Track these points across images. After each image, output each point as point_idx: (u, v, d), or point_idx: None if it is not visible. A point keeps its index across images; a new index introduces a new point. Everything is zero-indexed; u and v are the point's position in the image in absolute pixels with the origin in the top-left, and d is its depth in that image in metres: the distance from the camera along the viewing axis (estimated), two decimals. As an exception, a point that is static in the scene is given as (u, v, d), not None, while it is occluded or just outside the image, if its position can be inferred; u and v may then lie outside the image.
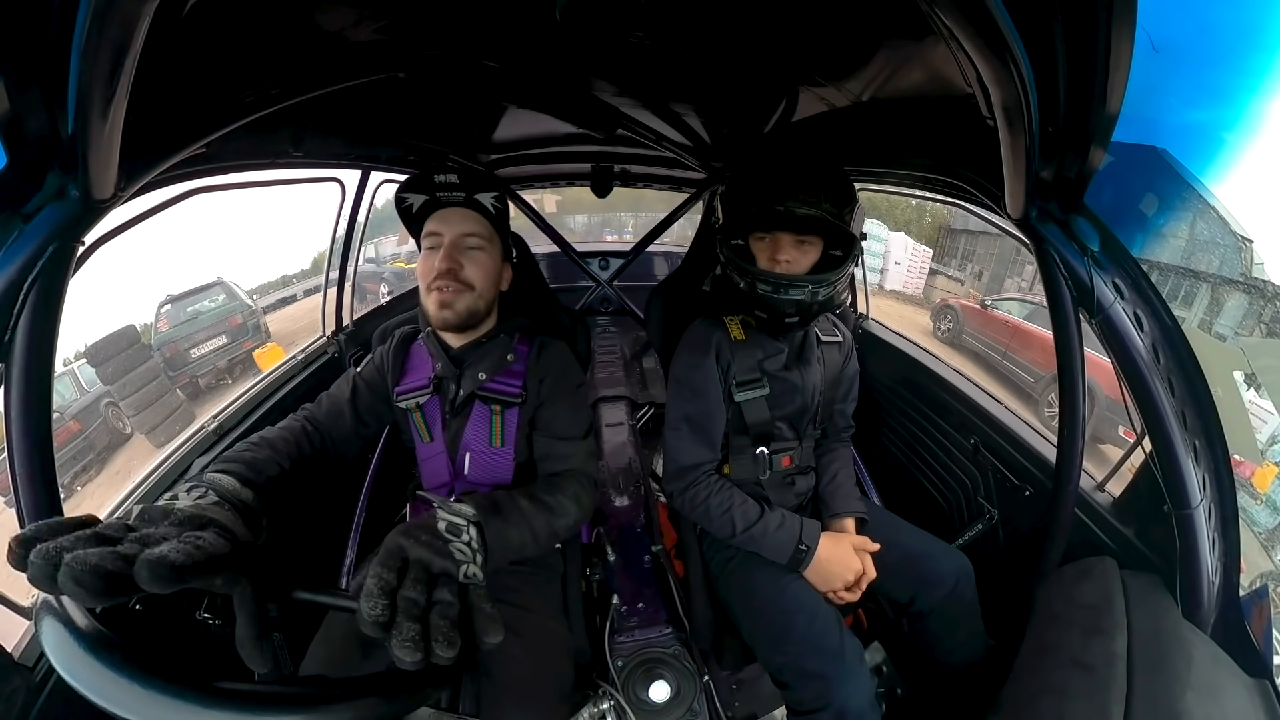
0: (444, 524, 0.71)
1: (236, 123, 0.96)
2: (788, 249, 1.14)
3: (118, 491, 1.24)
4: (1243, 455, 1.04)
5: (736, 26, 1.06)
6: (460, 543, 0.69)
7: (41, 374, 0.76)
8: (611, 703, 1.28)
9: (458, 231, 1.10)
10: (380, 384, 1.22)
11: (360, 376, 1.22)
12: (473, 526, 0.73)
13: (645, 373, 2.96)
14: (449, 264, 1.08)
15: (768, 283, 1.13)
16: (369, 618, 0.53)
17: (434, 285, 1.09)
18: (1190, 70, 0.82)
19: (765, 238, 1.17)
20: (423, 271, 1.11)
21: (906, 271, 12.75)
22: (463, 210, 1.11)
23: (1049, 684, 0.89)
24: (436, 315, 1.11)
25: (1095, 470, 1.23)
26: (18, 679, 0.80)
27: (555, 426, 1.19)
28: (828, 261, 1.17)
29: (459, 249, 1.10)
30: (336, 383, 1.22)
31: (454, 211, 1.11)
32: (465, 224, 1.11)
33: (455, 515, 0.73)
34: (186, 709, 0.46)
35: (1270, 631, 0.89)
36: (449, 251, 1.09)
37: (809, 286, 1.12)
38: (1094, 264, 0.90)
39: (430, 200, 1.12)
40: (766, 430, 1.29)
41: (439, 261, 1.08)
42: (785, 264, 1.14)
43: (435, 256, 1.09)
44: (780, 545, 1.19)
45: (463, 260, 1.10)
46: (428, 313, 1.12)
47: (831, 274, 1.13)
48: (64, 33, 0.57)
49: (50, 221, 0.73)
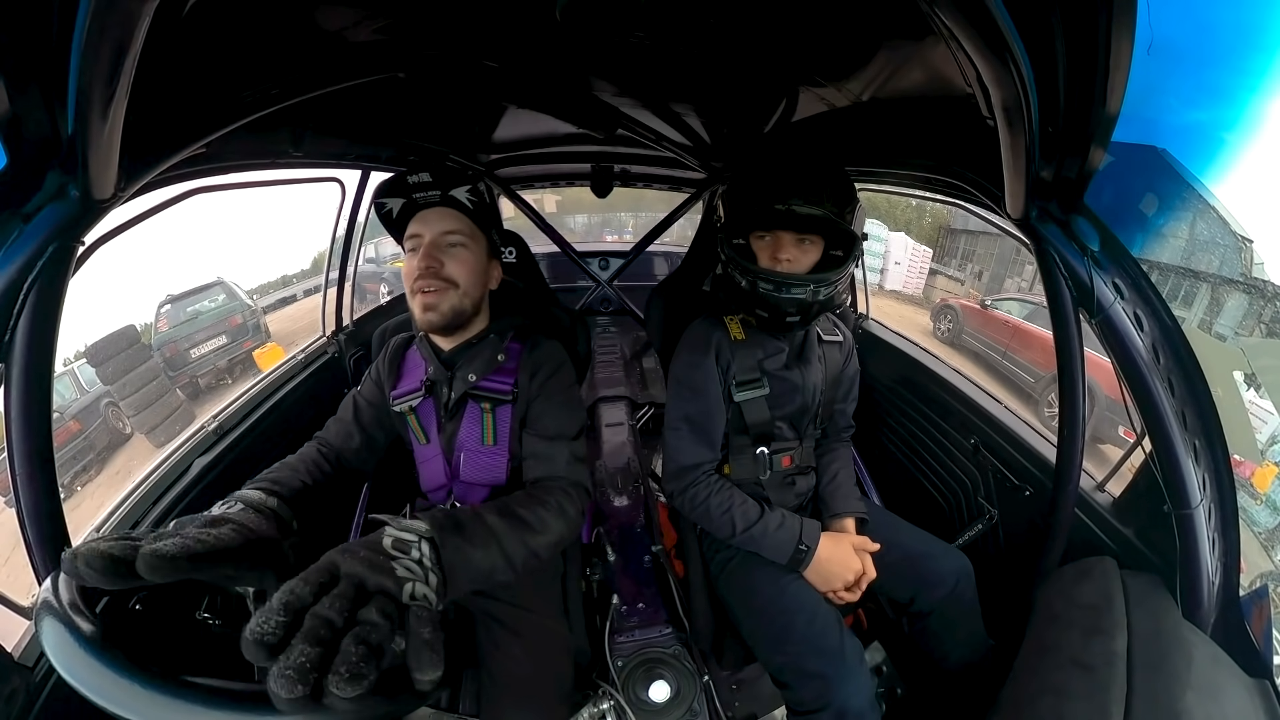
0: (389, 540, 0.62)
1: (236, 123, 0.96)
2: (789, 248, 1.15)
3: (118, 491, 1.24)
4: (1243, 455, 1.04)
5: (736, 26, 1.06)
6: (409, 559, 0.60)
7: (41, 374, 0.76)
8: (611, 703, 1.28)
9: (436, 230, 1.09)
10: (379, 397, 1.22)
11: (360, 394, 1.23)
12: (425, 542, 0.64)
13: (645, 373, 2.96)
14: (428, 262, 1.06)
15: (769, 281, 1.13)
16: (251, 635, 0.43)
17: (416, 287, 1.08)
18: (1190, 70, 0.82)
19: (766, 237, 1.17)
20: (406, 275, 1.10)
21: (906, 271, 12.74)
22: (440, 209, 1.10)
23: (1049, 684, 0.89)
24: (421, 318, 1.09)
25: (1095, 470, 1.23)
26: (18, 679, 0.80)
27: (542, 423, 1.15)
28: (829, 261, 1.17)
29: (438, 247, 1.08)
30: (341, 404, 1.23)
31: (433, 212, 1.10)
32: (444, 222, 1.09)
33: (404, 530, 0.65)
34: (186, 709, 0.46)
35: (1270, 631, 0.89)
36: (428, 250, 1.07)
37: (810, 285, 1.12)
38: (1094, 264, 0.90)
39: (409, 204, 1.11)
40: (767, 430, 1.29)
41: (418, 261, 1.07)
42: (786, 263, 1.14)
43: (413, 258, 1.09)
44: (780, 545, 1.19)
45: (443, 258, 1.08)
46: (414, 316, 1.11)
47: (833, 273, 1.13)
48: (64, 33, 0.57)
49: (50, 221, 0.73)
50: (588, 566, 1.59)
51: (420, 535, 0.65)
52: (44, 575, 0.78)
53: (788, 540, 1.18)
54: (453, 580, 0.65)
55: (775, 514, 1.22)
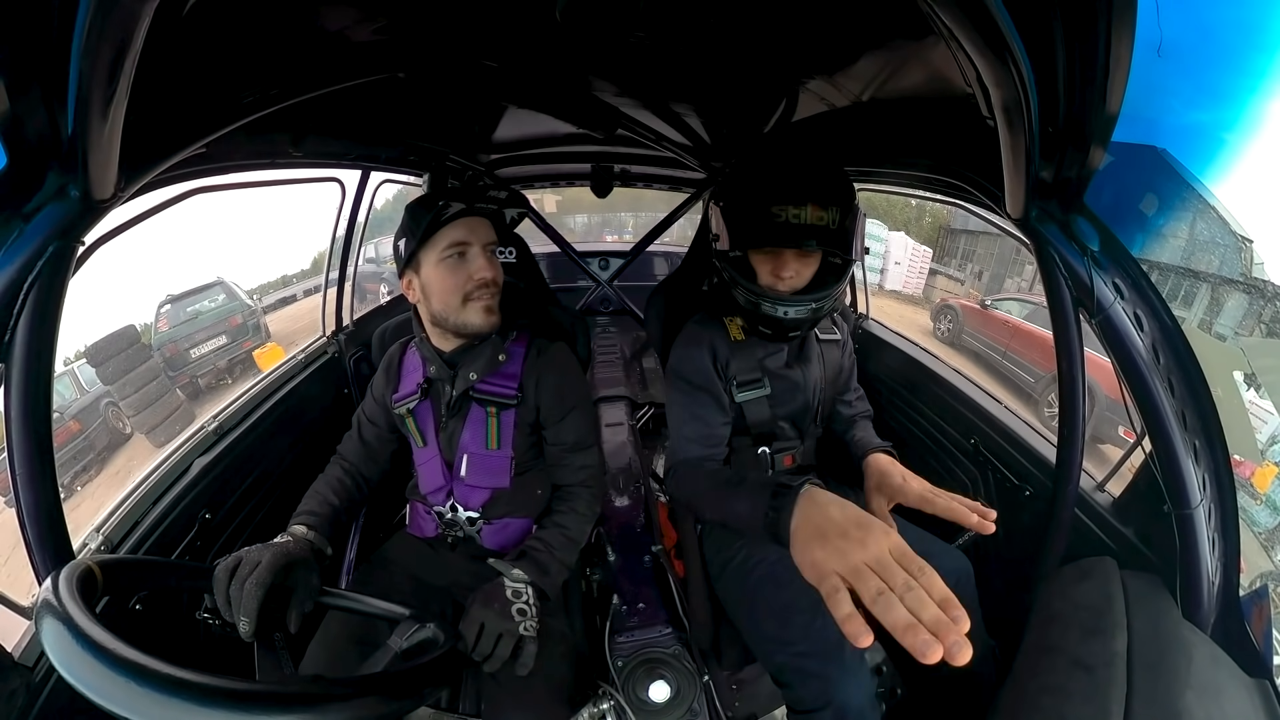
0: (510, 590, 0.94)
1: (236, 123, 0.96)
2: (792, 263, 1.11)
3: (118, 491, 1.24)
4: (1243, 455, 1.04)
5: (736, 26, 1.06)
6: (522, 604, 0.94)
7: (41, 374, 0.76)
8: (611, 703, 1.28)
9: (484, 239, 1.12)
10: (381, 414, 1.28)
11: (364, 413, 1.30)
12: (529, 588, 0.96)
13: (645, 373, 2.96)
14: (494, 272, 1.12)
15: (768, 299, 1.11)
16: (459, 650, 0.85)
17: (476, 294, 1.10)
18: (1191, 71, 0.82)
19: (767, 250, 1.14)
20: (453, 283, 1.10)
21: (906, 271, 12.74)
22: (480, 219, 1.13)
23: (1049, 684, 0.89)
24: (486, 322, 1.13)
25: (1095, 470, 1.23)
26: (18, 679, 0.80)
27: (562, 436, 1.22)
28: (829, 269, 1.16)
29: (489, 255, 1.13)
30: (353, 418, 1.32)
31: (476, 220, 1.12)
32: (487, 232, 1.14)
33: (516, 582, 0.96)
34: (186, 709, 0.46)
35: (1270, 631, 0.89)
36: (489, 258, 1.12)
37: (813, 304, 1.11)
38: (1094, 264, 0.90)
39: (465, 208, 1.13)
40: (769, 429, 1.29)
41: (483, 270, 1.10)
42: (789, 279, 1.12)
43: (466, 264, 1.10)
44: (756, 495, 0.85)
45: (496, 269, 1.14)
46: (470, 323, 1.12)
47: (835, 287, 1.12)
48: (64, 33, 0.57)
49: (50, 221, 0.73)
50: (588, 566, 1.59)
51: (526, 584, 0.96)
52: (44, 575, 0.78)
53: (765, 483, 0.87)
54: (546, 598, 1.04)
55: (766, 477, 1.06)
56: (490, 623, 0.89)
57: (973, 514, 0.87)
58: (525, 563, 1.03)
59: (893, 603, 0.56)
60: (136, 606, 1.04)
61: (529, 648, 0.93)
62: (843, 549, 0.63)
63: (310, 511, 1.09)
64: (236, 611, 0.75)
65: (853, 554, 0.61)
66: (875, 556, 0.60)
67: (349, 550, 1.62)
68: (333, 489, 1.18)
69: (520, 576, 0.97)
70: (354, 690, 0.54)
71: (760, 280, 1.15)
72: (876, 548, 0.61)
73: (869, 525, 0.64)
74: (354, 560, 1.60)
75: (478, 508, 1.22)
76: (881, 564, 0.59)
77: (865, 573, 0.59)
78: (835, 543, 0.64)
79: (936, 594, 0.56)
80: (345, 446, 1.29)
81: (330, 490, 1.17)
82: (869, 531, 0.63)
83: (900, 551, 0.61)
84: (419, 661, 0.71)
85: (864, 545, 0.62)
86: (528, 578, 0.97)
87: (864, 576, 0.59)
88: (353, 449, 1.28)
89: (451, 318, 1.12)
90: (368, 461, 1.27)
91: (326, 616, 1.09)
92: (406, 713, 0.58)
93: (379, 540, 1.47)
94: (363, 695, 0.54)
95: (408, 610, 0.85)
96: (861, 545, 0.62)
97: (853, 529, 0.65)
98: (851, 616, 0.57)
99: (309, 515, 1.07)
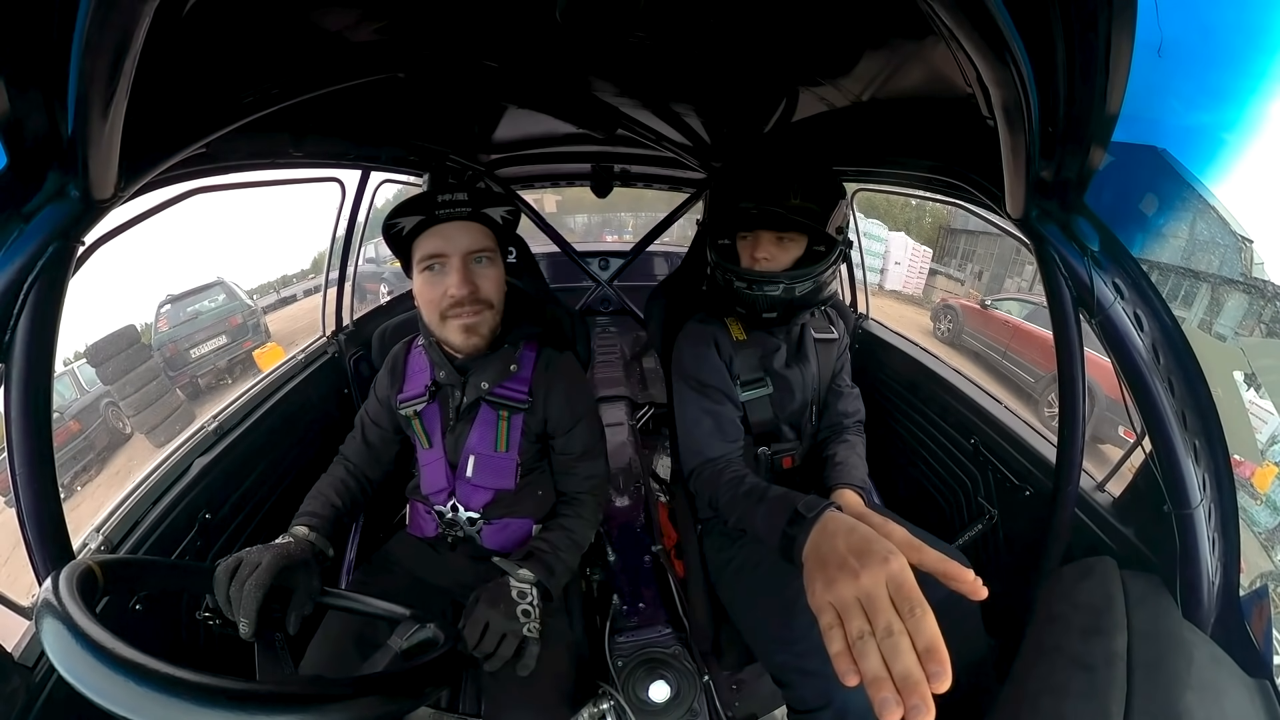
0: (515, 590, 0.96)
1: (236, 123, 0.96)
2: (766, 246, 1.16)
3: (118, 491, 1.24)
4: (1243, 455, 1.04)
5: (736, 27, 1.06)
6: (526, 604, 0.95)
7: (41, 374, 0.76)
8: (611, 703, 1.28)
9: (464, 248, 1.00)
10: (385, 414, 1.26)
11: (367, 414, 1.28)
12: (534, 589, 0.97)
13: (645, 373, 2.96)
14: (469, 287, 0.99)
15: (742, 279, 1.15)
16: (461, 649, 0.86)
17: (451, 312, 1.01)
18: (1191, 71, 0.81)
19: (748, 236, 1.19)
20: (430, 298, 1.02)
21: (906, 271, 12.74)
22: (465, 223, 1.01)
23: (1049, 684, 0.89)
24: (464, 342, 1.05)
25: (1095, 470, 1.23)
26: (18, 679, 0.80)
27: (575, 446, 1.23)
28: (811, 257, 1.17)
29: (469, 266, 1.01)
30: (356, 419, 1.30)
31: (454, 226, 1.00)
32: (472, 238, 1.01)
33: (521, 582, 0.97)
34: (186, 709, 0.46)
35: (1270, 631, 0.89)
36: (465, 274, 0.99)
37: (784, 283, 1.14)
38: (1094, 264, 0.90)
39: (426, 219, 1.01)
40: (770, 429, 1.29)
41: (455, 287, 0.98)
42: (764, 261, 1.16)
43: (441, 278, 1.00)
44: (776, 510, 0.89)
45: (477, 280, 1.01)
46: (451, 342, 1.07)
47: (809, 269, 1.14)
48: (64, 33, 0.57)
49: (50, 221, 0.73)
50: (588, 566, 1.59)
51: (531, 584, 0.98)
52: (44, 575, 0.78)
53: (785, 504, 0.89)
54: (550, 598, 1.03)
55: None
56: (495, 622, 0.90)
57: (962, 582, 0.66)
58: (532, 563, 1.03)
59: (869, 650, 0.54)
60: (136, 606, 1.04)
61: (532, 649, 0.93)
62: (837, 580, 0.61)
63: (312, 513, 1.08)
64: (236, 612, 0.75)
65: (845, 587, 0.60)
66: (867, 591, 0.58)
67: (349, 550, 1.62)
68: (336, 490, 1.16)
69: (527, 577, 0.97)
70: (354, 690, 0.54)
71: (741, 264, 1.20)
72: (870, 580, 0.59)
73: (868, 555, 0.62)
74: (354, 560, 1.60)
75: (479, 508, 1.22)
76: (871, 600, 0.57)
77: (853, 610, 0.58)
78: (832, 573, 0.63)
79: (922, 640, 0.54)
80: (348, 447, 1.28)
81: (333, 491, 1.16)
82: (867, 563, 0.61)
83: (898, 584, 0.58)
84: (419, 661, 0.71)
85: (857, 578, 0.59)
86: (534, 578, 0.98)
87: (851, 614, 0.58)
88: (356, 450, 1.26)
89: (435, 332, 1.08)
90: (371, 463, 1.26)
91: (327, 616, 1.09)
92: (407, 713, 0.58)
93: (379, 540, 1.47)
94: (363, 695, 0.54)
95: (408, 610, 0.84)
96: (855, 578, 0.60)
97: (851, 558, 0.62)
98: (841, 655, 0.57)
99: (311, 516, 1.06)
